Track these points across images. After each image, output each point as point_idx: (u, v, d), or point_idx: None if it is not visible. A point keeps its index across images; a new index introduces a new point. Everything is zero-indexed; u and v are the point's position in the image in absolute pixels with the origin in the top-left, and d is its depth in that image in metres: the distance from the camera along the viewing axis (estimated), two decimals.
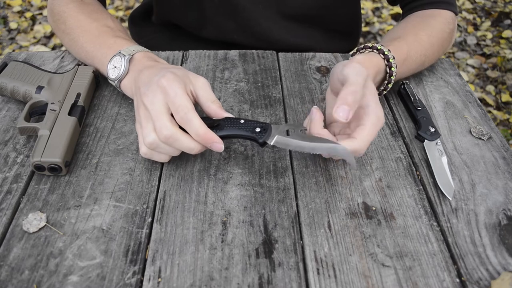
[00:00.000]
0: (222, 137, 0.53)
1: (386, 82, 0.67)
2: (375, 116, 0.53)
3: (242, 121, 0.54)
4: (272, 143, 0.53)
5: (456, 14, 0.79)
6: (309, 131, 0.55)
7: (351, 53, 0.70)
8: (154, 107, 0.52)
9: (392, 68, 0.65)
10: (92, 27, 0.70)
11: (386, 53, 0.64)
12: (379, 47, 0.64)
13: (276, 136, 0.53)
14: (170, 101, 0.52)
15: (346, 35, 0.95)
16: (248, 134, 0.54)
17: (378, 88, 0.69)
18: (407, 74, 0.72)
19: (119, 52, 0.63)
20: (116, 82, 0.64)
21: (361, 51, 0.67)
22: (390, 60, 0.64)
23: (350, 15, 0.93)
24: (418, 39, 0.71)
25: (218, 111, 0.55)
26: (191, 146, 0.53)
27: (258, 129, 0.54)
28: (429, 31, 0.73)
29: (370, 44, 0.66)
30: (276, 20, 0.85)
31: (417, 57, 0.71)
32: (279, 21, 0.85)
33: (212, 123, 0.54)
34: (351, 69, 0.54)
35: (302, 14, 0.86)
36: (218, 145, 0.52)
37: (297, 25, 0.87)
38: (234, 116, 0.56)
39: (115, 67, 0.63)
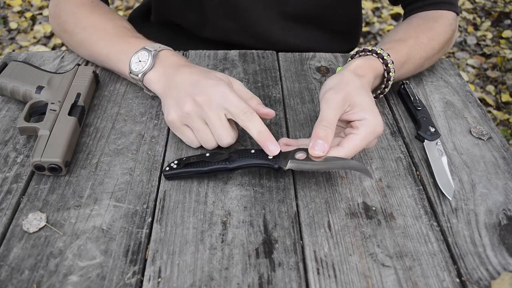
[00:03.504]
0: (237, 168, 0.55)
1: (383, 86, 0.67)
2: (370, 127, 0.54)
3: (252, 151, 0.55)
4: (287, 168, 0.54)
5: (458, 15, 0.79)
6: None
7: (350, 53, 0.69)
8: (214, 113, 0.56)
9: (390, 73, 0.65)
10: (108, 26, 0.70)
11: (385, 57, 0.64)
12: (378, 51, 0.64)
13: (290, 160, 0.54)
14: (233, 105, 0.56)
15: (347, 35, 0.95)
16: (262, 162, 0.55)
17: (375, 91, 0.69)
18: (405, 76, 0.72)
19: (144, 48, 0.64)
20: (139, 75, 0.63)
21: (360, 53, 0.67)
22: (389, 65, 0.64)
23: (351, 16, 0.93)
24: (419, 42, 0.71)
25: (258, 108, 0.58)
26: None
27: (270, 156, 0.54)
28: (431, 34, 0.73)
29: (370, 48, 0.65)
30: (276, 21, 0.85)
31: (417, 59, 0.71)
32: (279, 21, 0.85)
33: (222, 157, 0.55)
34: (323, 102, 0.56)
35: (302, 14, 0.86)
36: (274, 147, 0.54)
37: (297, 25, 0.87)
38: (243, 148, 0.58)
39: (140, 60, 0.64)
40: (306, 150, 0.54)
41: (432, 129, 0.65)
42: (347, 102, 0.55)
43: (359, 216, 0.54)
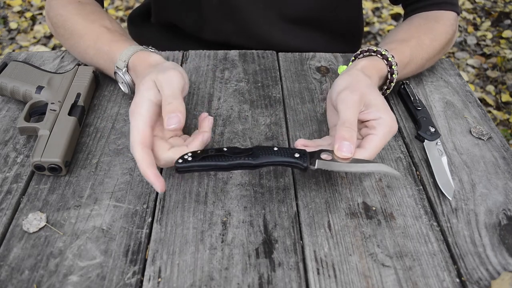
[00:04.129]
0: (261, 165, 0.51)
1: (385, 87, 0.67)
2: (388, 126, 0.54)
3: (275, 148, 0.52)
4: (316, 167, 0.52)
5: (458, 14, 0.79)
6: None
7: (354, 54, 0.69)
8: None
9: (394, 75, 0.65)
10: (89, 31, 0.70)
11: (389, 59, 0.64)
12: (383, 52, 0.64)
13: (317, 160, 0.52)
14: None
15: (348, 37, 0.94)
16: (290, 161, 0.51)
17: None
18: (407, 76, 0.72)
19: (116, 67, 0.64)
20: (132, 95, 0.66)
21: (364, 53, 0.66)
22: (393, 66, 0.64)
23: (351, 18, 0.93)
24: (421, 42, 0.71)
25: (169, 111, 0.51)
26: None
27: (297, 155, 0.52)
28: (432, 35, 0.73)
29: (374, 48, 0.65)
30: (276, 23, 0.85)
31: (419, 60, 0.71)
32: (279, 23, 0.85)
33: (244, 151, 0.52)
34: (341, 103, 0.55)
35: (302, 16, 0.85)
36: (155, 186, 0.49)
37: (297, 27, 0.86)
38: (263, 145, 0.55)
39: (122, 82, 0.66)
40: (330, 151, 0.53)
41: (432, 129, 0.65)
42: (363, 102, 0.55)
43: (359, 216, 0.54)
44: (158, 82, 0.54)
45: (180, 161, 0.50)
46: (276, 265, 0.48)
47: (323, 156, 0.53)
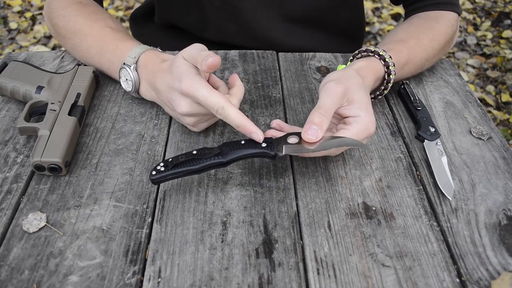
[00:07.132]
0: (232, 161, 0.53)
1: (383, 88, 0.67)
2: (363, 125, 0.54)
3: (242, 142, 0.53)
4: (283, 153, 0.52)
5: (459, 15, 0.79)
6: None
7: (352, 54, 0.69)
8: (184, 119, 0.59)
9: (391, 75, 0.65)
10: (93, 30, 0.70)
11: (387, 59, 0.64)
12: (381, 53, 0.64)
13: (284, 146, 0.53)
14: (203, 104, 0.55)
15: (350, 38, 0.94)
16: (257, 151, 0.53)
17: (374, 93, 0.69)
18: (405, 76, 0.72)
19: (124, 64, 0.64)
20: (133, 93, 0.66)
21: (362, 53, 0.67)
22: (390, 67, 0.64)
23: (353, 17, 0.93)
24: (420, 43, 0.71)
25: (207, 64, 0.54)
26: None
27: (264, 144, 0.53)
28: (432, 34, 0.73)
29: (372, 48, 0.65)
30: (277, 23, 0.85)
31: (418, 61, 0.71)
32: (280, 23, 0.85)
33: (213, 152, 0.53)
34: (323, 92, 0.55)
35: (304, 16, 0.85)
36: (255, 135, 0.53)
37: (299, 27, 0.86)
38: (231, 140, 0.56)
39: (127, 79, 0.65)
40: (297, 134, 0.53)
41: (432, 129, 0.65)
42: (346, 96, 0.55)
43: (359, 216, 0.54)
44: (184, 54, 0.57)
45: (154, 172, 0.52)
46: (276, 265, 0.48)
47: (290, 140, 0.53)
